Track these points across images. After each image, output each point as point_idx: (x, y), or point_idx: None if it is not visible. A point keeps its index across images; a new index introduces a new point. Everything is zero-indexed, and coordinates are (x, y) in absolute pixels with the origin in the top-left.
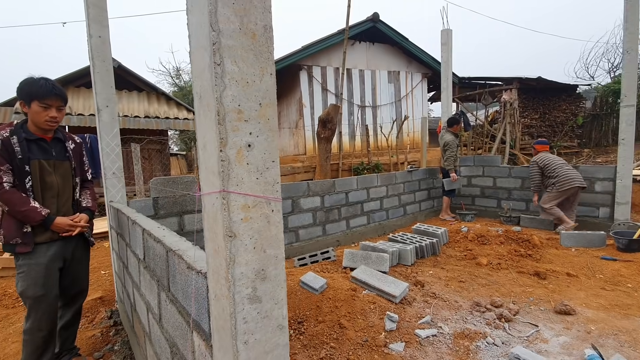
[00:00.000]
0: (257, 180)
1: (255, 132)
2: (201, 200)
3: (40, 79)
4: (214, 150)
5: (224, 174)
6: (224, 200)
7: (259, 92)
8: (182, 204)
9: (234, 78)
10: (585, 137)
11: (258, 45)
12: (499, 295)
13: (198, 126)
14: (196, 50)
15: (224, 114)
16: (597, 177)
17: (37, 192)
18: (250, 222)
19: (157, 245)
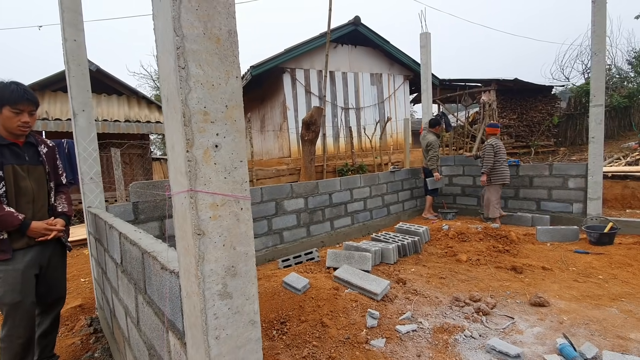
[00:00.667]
0: (225, 180)
1: (222, 133)
2: (172, 200)
3: (11, 84)
4: (181, 151)
5: (191, 173)
6: (191, 199)
7: (225, 95)
8: (163, 208)
9: (199, 81)
10: (561, 136)
11: (223, 49)
12: (477, 290)
13: (166, 128)
14: (162, 55)
15: (189, 116)
16: (570, 174)
17: (11, 197)
18: (219, 220)
19: (134, 248)
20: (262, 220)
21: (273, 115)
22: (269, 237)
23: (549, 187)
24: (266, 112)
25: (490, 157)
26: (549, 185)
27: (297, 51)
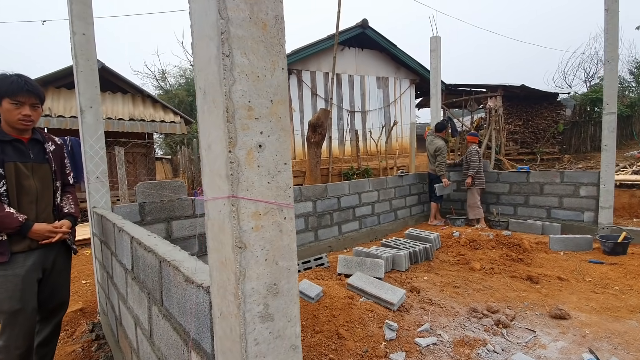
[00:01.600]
0: (269, 185)
1: (267, 131)
2: (204, 206)
3: (12, 75)
4: (221, 151)
5: (233, 177)
6: (233, 206)
7: (270, 88)
8: (170, 210)
9: (243, 71)
10: (566, 143)
11: (269, 36)
12: (494, 300)
13: (201, 124)
14: (200, 41)
15: (233, 111)
16: (581, 182)
17: (12, 197)
18: (262, 231)
19: (149, 255)
20: None
21: None
22: None
23: (559, 194)
24: None
25: (476, 161)
26: (560, 193)
27: (304, 53)
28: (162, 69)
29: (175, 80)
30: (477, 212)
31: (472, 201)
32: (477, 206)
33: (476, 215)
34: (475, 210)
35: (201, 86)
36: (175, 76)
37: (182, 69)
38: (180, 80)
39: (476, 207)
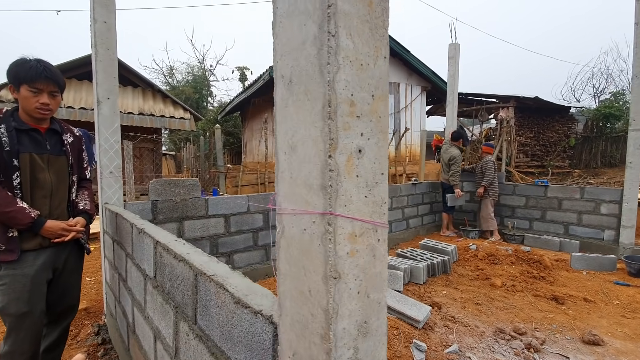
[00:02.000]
0: (366, 200)
1: (367, 133)
2: (277, 219)
3: (31, 60)
4: (314, 155)
5: (332, 189)
6: (329, 226)
7: (372, 80)
8: (183, 209)
9: (348, 57)
10: (576, 158)
11: (374, 16)
12: (519, 320)
13: (282, 121)
14: (290, 18)
15: (335, 105)
16: (602, 199)
17: (25, 190)
18: (356, 257)
19: (180, 264)
20: None
21: None
22: None
23: (579, 211)
24: None
25: (492, 172)
26: (579, 209)
27: None
28: (170, 65)
29: (182, 76)
30: (490, 223)
31: (486, 212)
32: (491, 217)
33: (489, 227)
34: (489, 221)
35: (285, 74)
36: (182, 73)
37: (189, 66)
38: (188, 77)
39: (490, 219)
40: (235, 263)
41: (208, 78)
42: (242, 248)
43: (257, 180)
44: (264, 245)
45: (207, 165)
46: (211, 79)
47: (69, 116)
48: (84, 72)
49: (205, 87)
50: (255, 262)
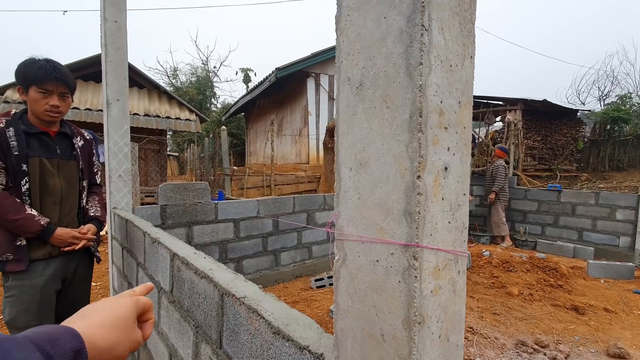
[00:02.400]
0: (449, 226)
1: (453, 147)
2: (336, 245)
3: (40, 60)
4: (397, 174)
5: (419, 216)
6: (415, 260)
7: (459, 84)
8: (191, 214)
9: (439, 56)
10: (583, 161)
11: (463, 7)
12: (540, 331)
13: (346, 131)
14: (362, 9)
15: (426, 115)
16: (618, 205)
17: (34, 197)
18: (439, 294)
19: (202, 282)
20: (292, 232)
21: (293, 119)
22: (297, 252)
23: (593, 216)
24: (285, 116)
25: (502, 177)
26: (594, 215)
27: (323, 56)
28: (174, 66)
29: (186, 77)
30: (502, 228)
31: (497, 218)
32: (502, 223)
33: (501, 232)
34: (501, 227)
35: (353, 76)
36: (186, 74)
37: (193, 67)
38: (191, 78)
39: (501, 224)
40: (244, 269)
41: (212, 79)
42: (252, 254)
43: (263, 182)
44: (273, 250)
45: (211, 166)
46: (215, 80)
47: (75, 117)
48: (89, 73)
49: (208, 89)
50: (264, 267)
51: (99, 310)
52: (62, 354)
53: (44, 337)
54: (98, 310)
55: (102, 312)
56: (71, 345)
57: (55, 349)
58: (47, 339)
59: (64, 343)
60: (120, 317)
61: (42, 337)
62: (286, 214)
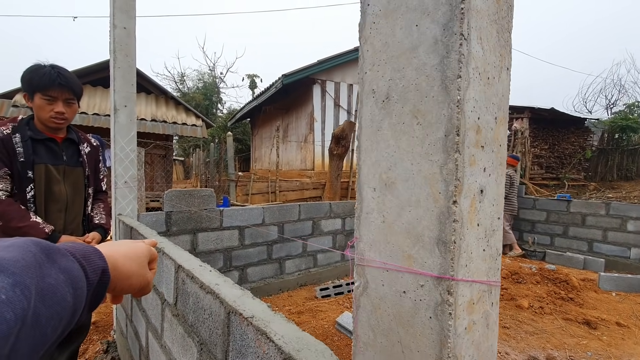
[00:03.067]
0: (484, 254)
1: (489, 167)
2: (356, 270)
3: (45, 67)
4: (429, 198)
5: (454, 246)
6: (448, 295)
7: (496, 98)
8: (197, 221)
9: (477, 68)
10: (591, 170)
11: (501, 15)
12: (551, 347)
13: (370, 147)
14: (390, 17)
15: (464, 133)
16: (629, 216)
17: (39, 204)
18: (472, 331)
19: (208, 297)
20: (297, 240)
21: (298, 125)
22: (302, 260)
23: (604, 227)
24: (290, 122)
25: (508, 185)
26: (604, 225)
27: (329, 63)
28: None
29: (193, 83)
30: (508, 237)
31: (505, 226)
32: (507, 231)
33: (507, 241)
34: (506, 235)
35: (378, 88)
36: (193, 79)
37: (200, 73)
38: (198, 83)
39: (506, 233)
40: (248, 277)
41: (218, 85)
42: (256, 261)
43: (268, 188)
44: (278, 258)
45: (216, 172)
46: (221, 86)
47: (82, 122)
48: (98, 79)
49: (215, 94)
50: (268, 276)
51: (121, 244)
52: (93, 270)
53: (80, 252)
54: (120, 244)
55: (124, 245)
56: (100, 264)
57: (89, 264)
58: (82, 254)
59: (95, 260)
60: (138, 254)
61: (79, 251)
62: (292, 222)
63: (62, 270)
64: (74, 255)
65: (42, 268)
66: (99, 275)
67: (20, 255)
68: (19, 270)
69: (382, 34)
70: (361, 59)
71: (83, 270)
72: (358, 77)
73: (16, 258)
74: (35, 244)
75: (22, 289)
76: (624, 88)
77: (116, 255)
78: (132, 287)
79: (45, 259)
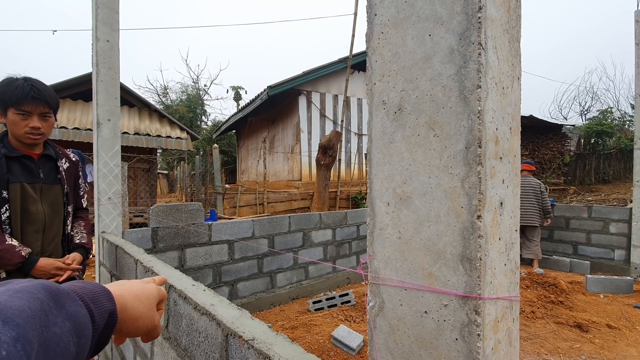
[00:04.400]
0: (505, 268)
1: (507, 179)
2: (372, 290)
3: (18, 80)
4: (450, 213)
5: (480, 262)
6: (475, 315)
7: (510, 108)
8: (184, 236)
9: (494, 78)
10: (570, 174)
11: (511, 25)
12: (546, 352)
13: (382, 161)
14: (400, 26)
15: (485, 145)
16: (611, 219)
17: (15, 225)
18: (498, 351)
19: (202, 318)
20: (288, 252)
21: (284, 136)
22: (294, 272)
23: (587, 230)
24: (277, 133)
25: (540, 194)
26: (588, 228)
27: (314, 74)
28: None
29: (176, 96)
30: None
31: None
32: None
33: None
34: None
35: (390, 100)
36: (177, 92)
37: (184, 85)
38: (182, 96)
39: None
40: (239, 292)
41: (202, 97)
42: (247, 276)
43: (256, 200)
44: (269, 272)
45: (202, 184)
46: (205, 98)
47: (62, 136)
48: (78, 92)
49: (199, 106)
50: (259, 290)
51: (132, 284)
52: (101, 314)
53: (89, 294)
54: (132, 284)
55: (134, 285)
56: (108, 307)
57: (97, 307)
58: (91, 297)
59: (103, 303)
60: (148, 295)
61: (88, 293)
62: (282, 234)
63: (69, 317)
64: (82, 299)
65: (48, 317)
66: (106, 319)
67: (27, 303)
68: (24, 322)
69: (392, 44)
70: (369, 70)
71: (90, 314)
72: (366, 88)
73: (22, 307)
74: (45, 288)
75: (24, 343)
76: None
77: (126, 295)
78: (138, 330)
79: (53, 305)
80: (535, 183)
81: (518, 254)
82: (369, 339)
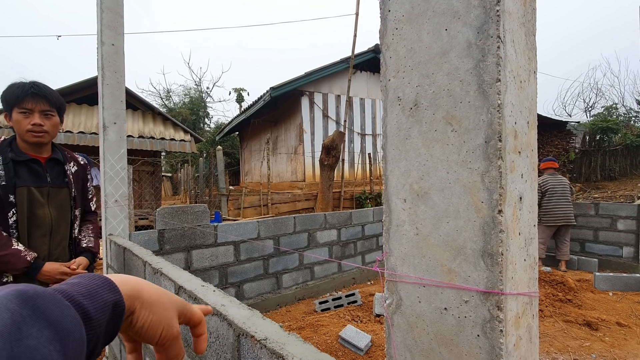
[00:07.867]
0: (524, 264)
1: (525, 173)
2: (389, 288)
3: (21, 82)
4: (469, 208)
5: (502, 257)
6: (498, 311)
7: (527, 102)
8: (190, 237)
9: (512, 72)
10: (576, 171)
11: (527, 18)
12: (555, 350)
13: (398, 157)
14: (415, 21)
15: (505, 139)
16: (619, 215)
17: (22, 229)
18: (520, 348)
19: (213, 318)
20: (293, 253)
21: (288, 137)
22: (299, 273)
23: (594, 227)
24: (280, 134)
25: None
26: (595, 225)
27: (317, 75)
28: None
29: (179, 98)
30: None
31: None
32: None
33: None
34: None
35: (405, 95)
36: (179, 95)
37: (186, 88)
38: (185, 98)
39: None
40: (245, 293)
41: (205, 100)
42: (253, 277)
43: (260, 201)
44: (275, 272)
45: (205, 186)
46: (208, 101)
47: (68, 140)
48: (82, 97)
49: (202, 109)
50: (265, 291)
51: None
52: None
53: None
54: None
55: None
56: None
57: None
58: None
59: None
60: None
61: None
62: (287, 234)
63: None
64: (71, 298)
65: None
66: (109, 311)
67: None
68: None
69: (407, 39)
70: (383, 67)
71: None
72: (380, 84)
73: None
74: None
75: None
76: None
77: (141, 282)
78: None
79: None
80: (566, 181)
81: (536, 250)
82: (386, 336)
